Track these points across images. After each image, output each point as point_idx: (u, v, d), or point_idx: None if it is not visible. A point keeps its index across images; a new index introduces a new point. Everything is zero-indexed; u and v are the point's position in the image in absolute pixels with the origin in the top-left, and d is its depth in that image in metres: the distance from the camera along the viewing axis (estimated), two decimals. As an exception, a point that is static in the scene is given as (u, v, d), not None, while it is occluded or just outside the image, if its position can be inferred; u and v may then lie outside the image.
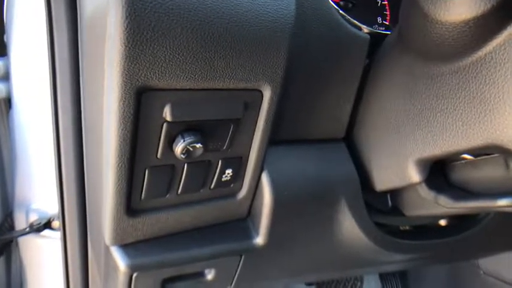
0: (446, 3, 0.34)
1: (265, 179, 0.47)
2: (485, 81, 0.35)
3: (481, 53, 0.35)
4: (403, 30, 0.43)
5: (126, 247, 0.45)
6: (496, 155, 0.43)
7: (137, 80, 0.33)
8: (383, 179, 0.50)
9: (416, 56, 0.42)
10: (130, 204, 0.42)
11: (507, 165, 0.42)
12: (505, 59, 0.33)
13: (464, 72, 0.37)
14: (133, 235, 0.44)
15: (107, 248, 0.45)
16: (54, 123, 0.57)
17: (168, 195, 0.43)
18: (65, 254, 0.65)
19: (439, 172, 0.49)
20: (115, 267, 0.46)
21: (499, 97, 0.34)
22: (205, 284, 0.53)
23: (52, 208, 0.70)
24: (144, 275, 0.47)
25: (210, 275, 0.53)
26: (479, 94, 0.36)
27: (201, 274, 0.52)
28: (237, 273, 0.54)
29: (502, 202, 0.40)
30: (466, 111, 0.38)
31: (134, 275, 0.46)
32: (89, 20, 0.40)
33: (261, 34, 0.36)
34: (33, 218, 0.69)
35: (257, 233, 0.50)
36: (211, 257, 0.49)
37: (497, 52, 0.34)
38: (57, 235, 0.69)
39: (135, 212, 0.42)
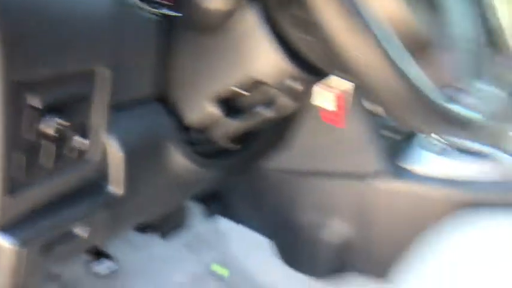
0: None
1: (113, 142, 0.59)
2: (233, 40, 0.63)
3: (228, 25, 0.62)
4: (182, 12, 0.63)
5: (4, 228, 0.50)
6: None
7: None
8: (195, 120, 0.71)
9: (194, 29, 0.65)
10: (6, 185, 0.47)
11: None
12: (236, 28, 0.61)
13: (223, 36, 0.63)
14: (7, 215, 0.49)
15: None
16: None
17: (36, 172, 0.50)
18: None
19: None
20: None
21: (241, 50, 0.63)
22: (82, 242, 0.62)
23: None
24: (24, 250, 0.52)
25: (83, 233, 0.62)
26: (234, 48, 0.64)
27: (75, 235, 0.61)
28: (107, 225, 0.65)
29: None
30: (230, 60, 0.64)
31: (15, 250, 0.51)
32: None
33: (86, 24, 0.49)
34: None
35: (116, 187, 0.63)
36: (81, 217, 0.59)
37: (233, 24, 0.61)
38: None
39: (9, 192, 0.47)
